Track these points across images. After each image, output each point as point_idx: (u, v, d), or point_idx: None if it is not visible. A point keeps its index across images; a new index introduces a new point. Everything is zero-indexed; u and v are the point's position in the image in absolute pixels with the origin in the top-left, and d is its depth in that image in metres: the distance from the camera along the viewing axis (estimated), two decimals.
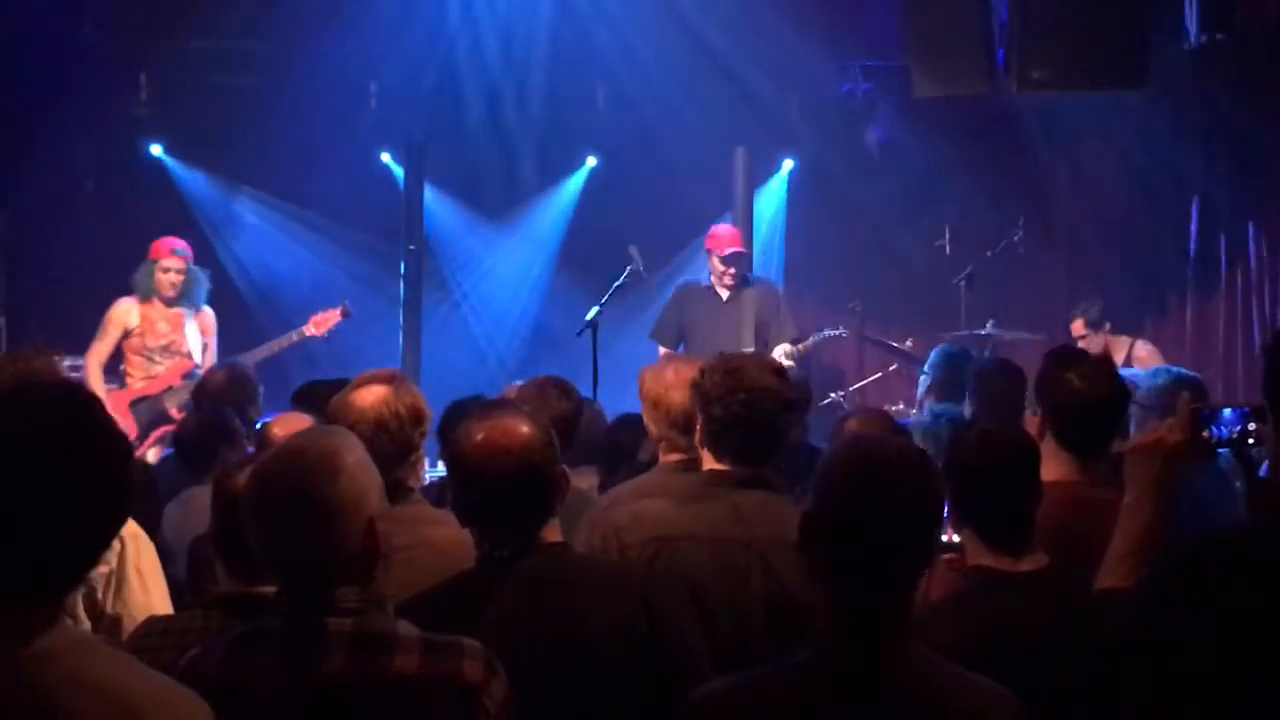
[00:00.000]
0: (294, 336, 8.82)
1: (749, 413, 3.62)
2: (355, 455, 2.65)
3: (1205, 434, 2.83)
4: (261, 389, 6.35)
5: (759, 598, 3.52)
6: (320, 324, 8.85)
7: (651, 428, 4.23)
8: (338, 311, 8.89)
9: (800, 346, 8.75)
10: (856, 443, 2.56)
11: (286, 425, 4.36)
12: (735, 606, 3.50)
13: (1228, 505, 4.50)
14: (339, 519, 2.56)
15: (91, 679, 2.04)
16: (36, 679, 2.00)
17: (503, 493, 3.05)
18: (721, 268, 8.69)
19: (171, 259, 8.57)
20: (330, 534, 2.56)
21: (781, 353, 8.50)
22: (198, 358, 8.44)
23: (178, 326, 8.55)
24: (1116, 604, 2.61)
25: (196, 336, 8.56)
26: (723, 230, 8.89)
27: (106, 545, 2.15)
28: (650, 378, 4.25)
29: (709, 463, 3.74)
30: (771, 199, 11.71)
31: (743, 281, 8.75)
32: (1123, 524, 2.87)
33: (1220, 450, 2.91)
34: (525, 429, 3.10)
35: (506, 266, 11.55)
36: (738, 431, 3.64)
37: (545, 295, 11.45)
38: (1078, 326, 9.16)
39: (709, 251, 8.85)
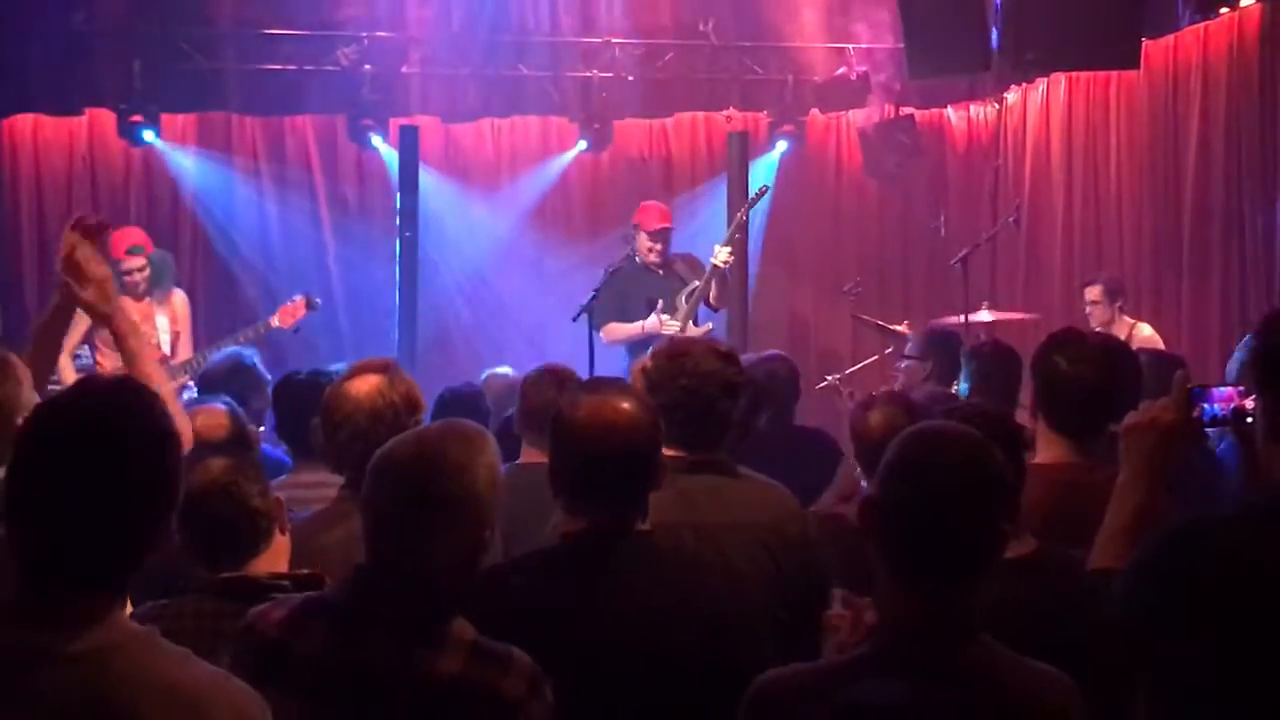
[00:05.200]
0: (260, 328, 8.58)
1: (689, 398, 3.61)
2: (488, 465, 2.69)
3: (1197, 412, 2.83)
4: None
5: None
6: (286, 315, 8.62)
7: None
8: (302, 302, 8.66)
9: (730, 234, 8.80)
10: (919, 432, 2.54)
11: (205, 417, 4.43)
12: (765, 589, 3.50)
13: (1216, 482, 4.49)
14: (454, 520, 2.61)
15: (153, 676, 2.04)
16: (99, 677, 2.00)
17: (605, 469, 3.02)
18: (649, 243, 8.72)
19: (128, 259, 8.38)
20: (440, 531, 2.60)
21: (720, 250, 8.56)
22: (166, 348, 8.35)
23: (147, 318, 8.43)
24: (1109, 584, 2.62)
25: (166, 325, 8.44)
26: (652, 206, 8.93)
27: (159, 534, 2.13)
28: (638, 374, 4.23)
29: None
30: (761, 179, 11.67)
31: (668, 256, 8.82)
32: (1116, 503, 2.86)
33: (1210, 429, 2.91)
34: (631, 407, 3.07)
35: (502, 249, 11.51)
36: (679, 416, 3.59)
37: (540, 280, 11.42)
38: (1092, 292, 9.02)
39: (636, 226, 8.86)
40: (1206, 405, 2.81)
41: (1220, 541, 2.32)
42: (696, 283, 8.61)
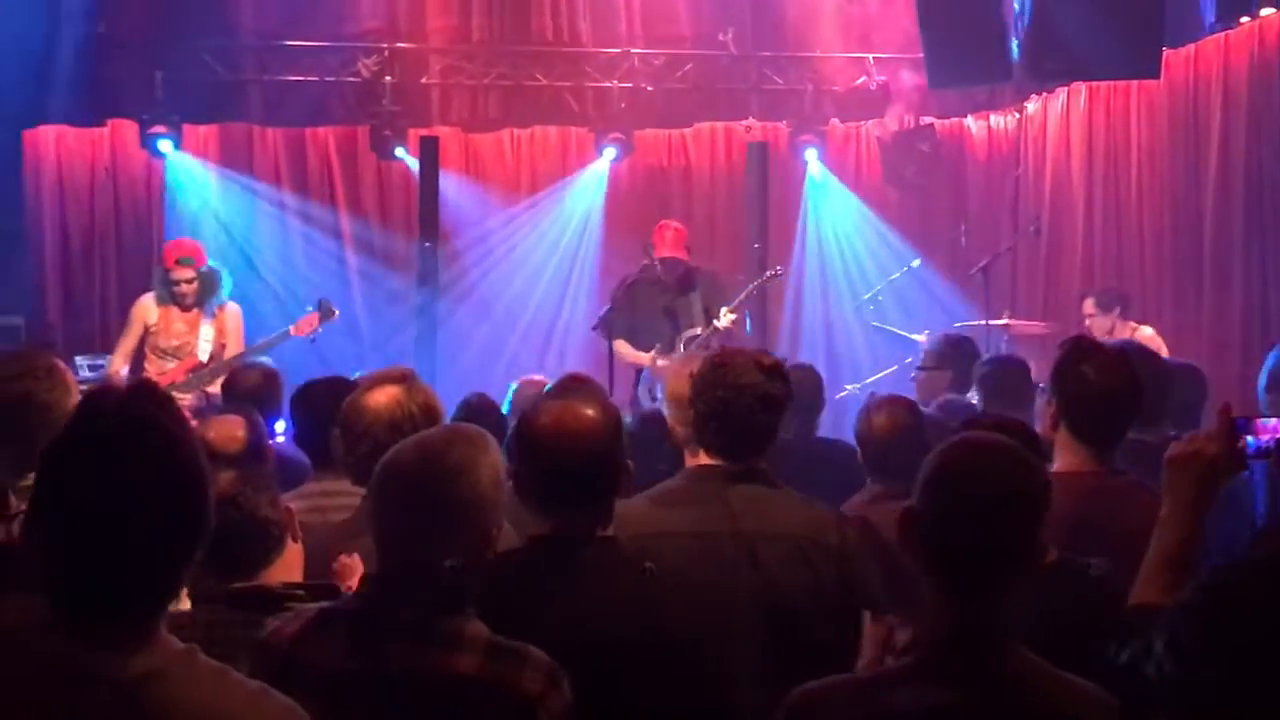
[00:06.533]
0: (277, 337, 8.57)
1: (725, 409, 3.62)
2: (491, 465, 2.72)
3: (1241, 444, 2.80)
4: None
5: (747, 590, 3.51)
6: (303, 325, 8.60)
7: (677, 429, 4.13)
8: (316, 314, 8.59)
9: (738, 301, 8.79)
10: (959, 443, 2.54)
11: (219, 428, 4.43)
12: (723, 600, 3.49)
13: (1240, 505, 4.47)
14: (466, 521, 2.65)
15: (194, 704, 2.02)
16: (142, 705, 1.98)
17: (564, 473, 3.04)
18: (659, 266, 8.69)
19: (179, 269, 8.46)
20: (453, 533, 2.63)
21: (725, 314, 8.54)
22: (204, 356, 8.38)
23: (194, 328, 8.49)
24: (1154, 621, 2.59)
25: (210, 336, 8.46)
26: (668, 229, 8.85)
27: (196, 555, 2.09)
28: (673, 378, 4.22)
29: (700, 457, 3.74)
30: (825, 192, 11.68)
31: (687, 274, 8.76)
32: (1159, 535, 2.82)
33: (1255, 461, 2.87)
34: (593, 413, 3.09)
35: (522, 260, 11.53)
36: (715, 425, 3.63)
37: (559, 289, 11.44)
38: (1087, 305, 9.16)
39: (652, 246, 8.84)
40: (1251, 437, 2.79)
41: (1271, 587, 2.30)
42: (697, 331, 8.55)
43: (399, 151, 11.04)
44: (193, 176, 10.96)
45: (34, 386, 3.63)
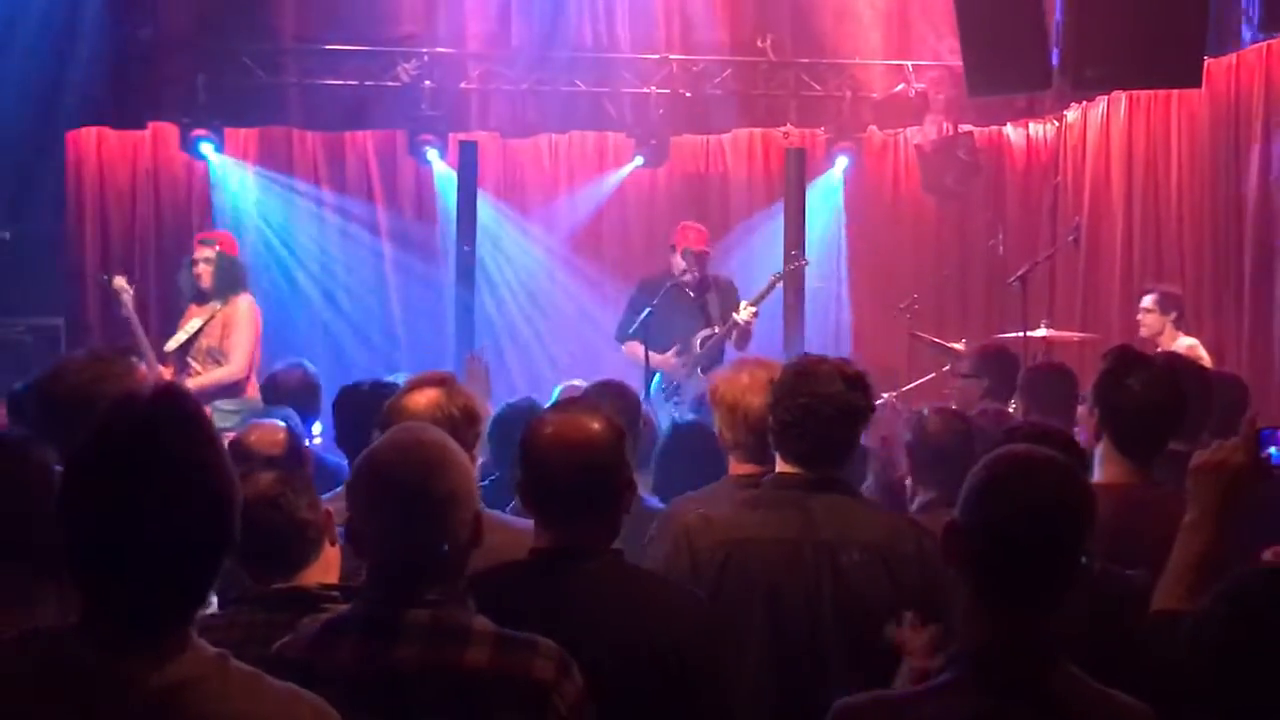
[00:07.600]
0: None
1: (806, 417, 3.62)
2: (461, 453, 2.76)
3: (1266, 454, 2.80)
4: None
5: (828, 597, 3.53)
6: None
7: (726, 434, 4.17)
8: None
9: (758, 294, 8.79)
10: (1005, 456, 2.54)
11: (260, 432, 4.46)
12: (807, 607, 3.52)
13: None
14: (453, 511, 2.67)
15: (225, 710, 2.03)
16: (171, 713, 1.99)
17: (563, 486, 3.06)
18: (683, 264, 8.72)
19: (199, 248, 8.50)
20: (444, 525, 2.65)
21: (745, 308, 8.54)
22: (174, 344, 8.37)
23: (191, 317, 8.52)
24: (1176, 628, 2.58)
25: (195, 326, 8.38)
26: (691, 230, 8.92)
27: (221, 561, 2.10)
28: (724, 383, 4.20)
29: (780, 464, 3.75)
30: (828, 197, 11.62)
31: (705, 278, 8.79)
32: (1183, 543, 2.84)
33: None
34: (596, 427, 3.10)
35: (556, 265, 11.53)
36: (795, 433, 3.65)
37: (596, 295, 11.44)
38: (1147, 300, 9.00)
39: (673, 246, 8.88)
40: (1275, 448, 2.79)
41: None
42: (714, 330, 8.55)
43: (429, 155, 11.06)
44: (234, 179, 11.02)
45: (107, 390, 3.66)
